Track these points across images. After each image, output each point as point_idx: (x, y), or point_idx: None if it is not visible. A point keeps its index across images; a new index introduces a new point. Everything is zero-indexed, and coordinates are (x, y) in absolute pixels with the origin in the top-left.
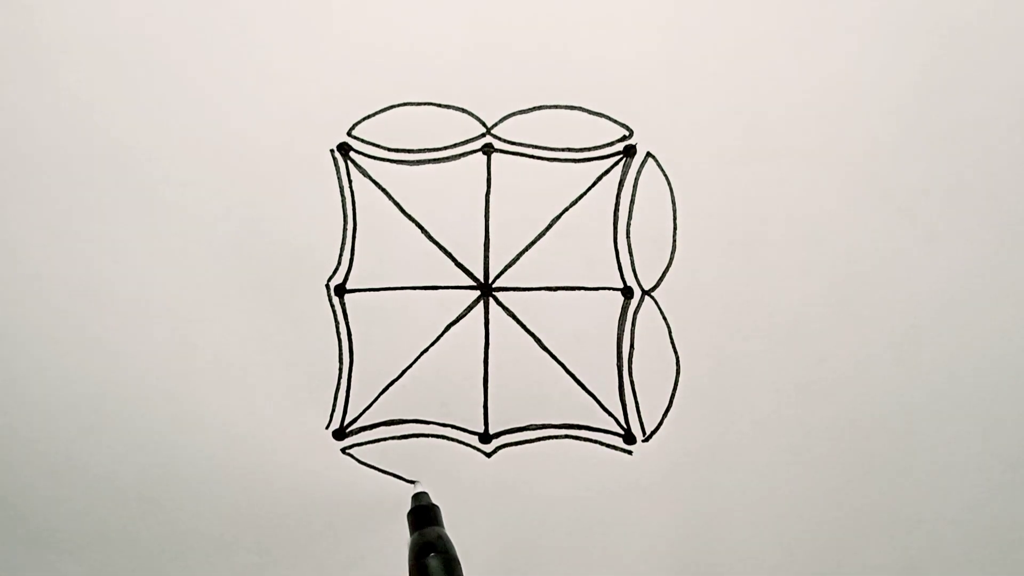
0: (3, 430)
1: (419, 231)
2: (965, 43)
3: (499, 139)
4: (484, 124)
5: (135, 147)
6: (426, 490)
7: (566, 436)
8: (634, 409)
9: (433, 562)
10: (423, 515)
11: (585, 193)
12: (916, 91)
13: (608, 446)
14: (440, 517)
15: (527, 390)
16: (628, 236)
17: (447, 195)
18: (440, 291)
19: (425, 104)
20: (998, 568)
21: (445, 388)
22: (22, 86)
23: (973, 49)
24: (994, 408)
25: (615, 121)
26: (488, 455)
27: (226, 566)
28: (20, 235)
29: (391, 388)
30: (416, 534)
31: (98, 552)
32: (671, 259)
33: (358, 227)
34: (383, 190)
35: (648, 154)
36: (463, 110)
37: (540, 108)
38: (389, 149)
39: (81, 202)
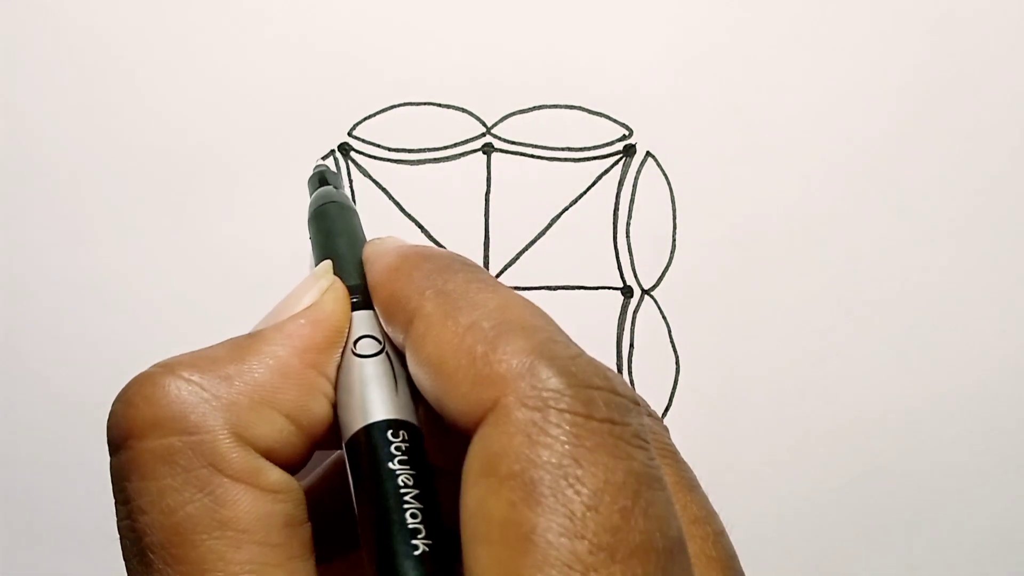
0: (5, 429)
1: (419, 231)
2: (965, 43)
3: (499, 138)
4: (484, 124)
5: (135, 147)
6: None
7: None
8: None
9: (332, 208)
10: (323, 180)
11: (585, 193)
12: (916, 91)
13: None
14: (341, 183)
15: None
16: (628, 235)
17: (447, 195)
18: None
19: (425, 104)
20: (999, 569)
21: None
22: (23, 86)
23: (974, 49)
24: (995, 408)
25: (615, 121)
26: None
27: None
28: (21, 235)
29: None
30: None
31: (102, 551)
32: (671, 259)
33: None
34: (383, 190)
35: (648, 153)
36: (463, 110)
37: (540, 108)
38: (389, 149)
39: (81, 202)
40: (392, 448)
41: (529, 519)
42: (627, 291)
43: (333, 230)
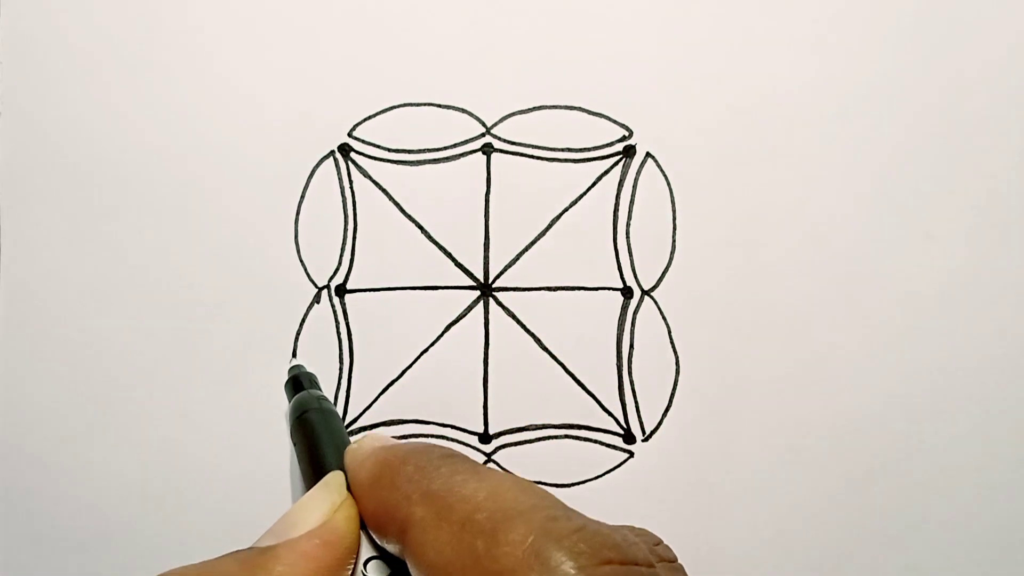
0: (6, 429)
1: (419, 231)
2: (965, 42)
3: (499, 139)
4: (484, 124)
5: (134, 147)
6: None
7: (566, 436)
8: (634, 409)
9: (313, 415)
10: (298, 384)
11: (585, 193)
12: (916, 91)
13: (608, 446)
14: (316, 382)
15: (527, 390)
16: (628, 236)
17: (447, 195)
18: (440, 291)
19: (425, 104)
20: (999, 570)
21: (445, 388)
22: (21, 86)
23: (973, 48)
24: (995, 408)
25: (614, 121)
26: (488, 456)
27: None
28: (21, 236)
29: (391, 388)
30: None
31: (101, 551)
32: (671, 259)
33: (358, 227)
34: (383, 190)
35: (648, 154)
36: (463, 110)
37: (540, 108)
38: (389, 150)
39: (80, 202)
40: None
41: None
42: (627, 292)
43: (318, 439)
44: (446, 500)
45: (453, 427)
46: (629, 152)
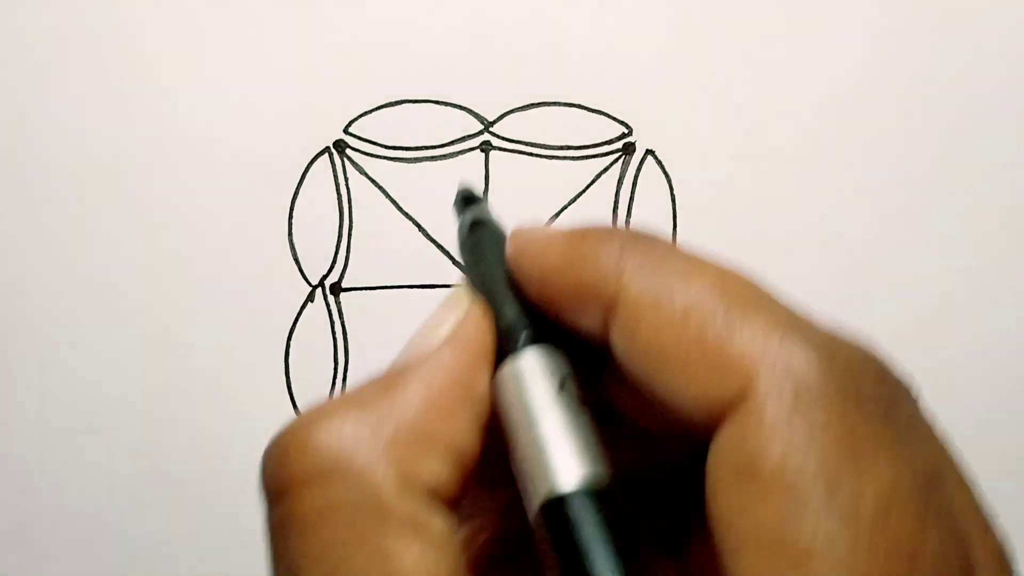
0: None
1: (416, 229)
2: (966, 41)
3: (497, 136)
4: (482, 121)
5: (129, 145)
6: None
7: None
8: None
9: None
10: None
11: (584, 191)
12: (917, 89)
13: None
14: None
15: None
16: None
17: (444, 193)
18: (438, 290)
19: (423, 101)
20: None
21: None
22: (19, 85)
23: (974, 48)
24: (996, 408)
25: (614, 118)
26: None
27: (219, 570)
28: (14, 234)
29: None
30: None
31: (89, 555)
32: None
33: (354, 225)
34: (380, 188)
35: (648, 151)
36: (461, 107)
37: (539, 105)
38: (386, 146)
39: (75, 200)
40: (608, 520)
41: (807, 532)
42: None
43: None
44: (664, 280)
45: None
46: (629, 149)
